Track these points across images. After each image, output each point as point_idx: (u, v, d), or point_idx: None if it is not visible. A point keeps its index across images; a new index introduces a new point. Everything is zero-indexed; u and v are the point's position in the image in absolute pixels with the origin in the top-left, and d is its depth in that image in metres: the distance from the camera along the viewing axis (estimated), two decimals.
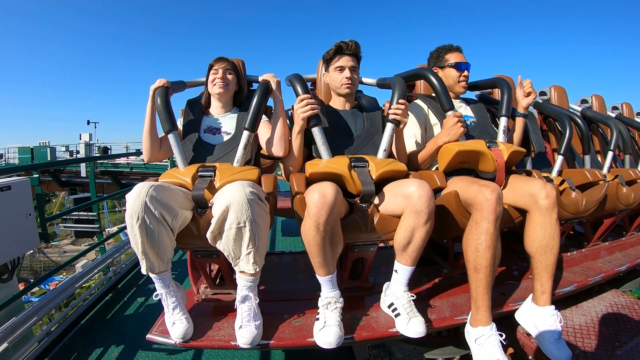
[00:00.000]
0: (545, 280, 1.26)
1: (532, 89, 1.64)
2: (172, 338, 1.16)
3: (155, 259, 1.11)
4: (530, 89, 1.64)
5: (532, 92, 1.64)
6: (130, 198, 1.04)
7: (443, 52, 1.68)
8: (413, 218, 1.13)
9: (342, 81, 1.44)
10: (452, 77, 1.64)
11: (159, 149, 1.40)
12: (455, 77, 1.63)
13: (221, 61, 1.46)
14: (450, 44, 1.68)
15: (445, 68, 1.66)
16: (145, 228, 1.05)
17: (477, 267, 1.13)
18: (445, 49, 1.68)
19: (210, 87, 1.48)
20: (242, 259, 1.12)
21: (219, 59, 1.47)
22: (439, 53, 1.69)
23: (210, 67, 1.48)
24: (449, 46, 1.68)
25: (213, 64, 1.47)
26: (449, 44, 1.68)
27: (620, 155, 2.34)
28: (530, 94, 1.64)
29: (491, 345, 1.07)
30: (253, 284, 1.18)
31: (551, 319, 1.20)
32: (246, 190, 1.06)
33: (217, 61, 1.47)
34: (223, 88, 1.45)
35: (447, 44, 1.69)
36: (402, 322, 1.17)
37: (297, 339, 1.18)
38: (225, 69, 1.46)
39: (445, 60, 1.66)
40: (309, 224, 1.07)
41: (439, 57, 1.69)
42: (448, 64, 1.65)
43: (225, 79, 1.46)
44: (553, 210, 1.27)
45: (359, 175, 1.21)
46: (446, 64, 1.65)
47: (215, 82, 1.45)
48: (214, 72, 1.46)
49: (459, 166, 1.44)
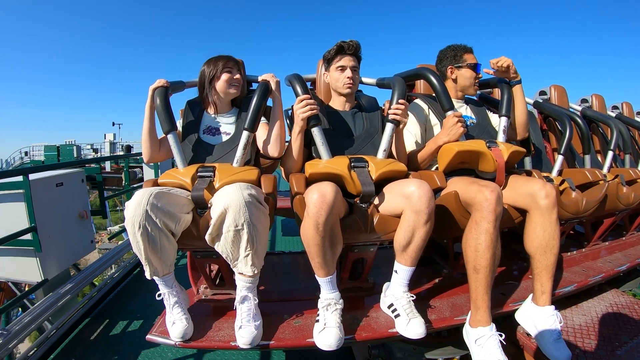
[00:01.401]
0: (545, 280, 1.26)
1: (502, 61, 1.58)
2: (171, 338, 1.16)
3: (158, 263, 1.12)
4: (500, 63, 1.58)
5: (503, 60, 1.58)
6: (130, 206, 1.04)
7: (460, 51, 1.63)
8: (413, 218, 1.13)
9: (343, 81, 1.44)
10: (468, 78, 1.61)
11: (158, 149, 1.40)
12: (471, 78, 1.61)
13: (232, 61, 1.41)
14: (464, 45, 1.65)
15: (463, 68, 1.62)
16: (147, 236, 1.05)
17: (476, 267, 1.13)
18: (461, 48, 1.64)
19: (224, 86, 1.39)
20: (241, 261, 1.12)
21: (229, 58, 1.41)
22: (456, 52, 1.64)
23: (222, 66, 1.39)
24: (464, 46, 1.64)
25: (225, 63, 1.39)
26: (463, 45, 1.65)
27: (620, 155, 2.34)
28: (503, 65, 1.58)
29: (491, 345, 1.07)
30: (252, 285, 1.18)
31: (551, 319, 1.20)
32: (244, 193, 1.05)
33: (228, 60, 1.40)
34: (239, 89, 1.42)
35: (461, 44, 1.65)
36: (402, 323, 1.16)
37: (297, 339, 1.17)
38: (238, 69, 1.42)
39: (464, 60, 1.61)
40: (309, 224, 1.07)
41: (456, 57, 1.63)
42: (467, 64, 1.61)
43: (240, 79, 1.41)
44: (553, 210, 1.26)
45: (358, 176, 1.21)
46: (464, 64, 1.61)
47: (232, 83, 1.40)
48: (228, 70, 1.39)
49: (459, 166, 1.43)
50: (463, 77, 1.62)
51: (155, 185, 1.25)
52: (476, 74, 1.61)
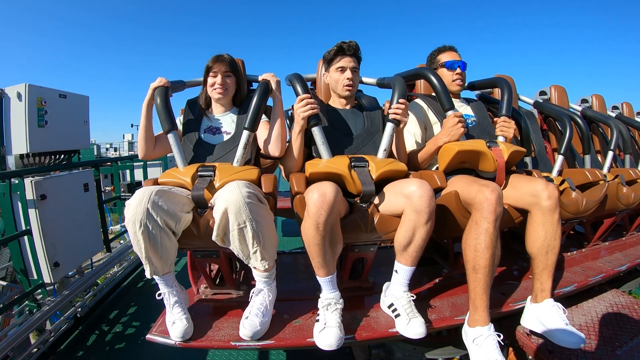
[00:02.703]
0: (545, 279, 1.27)
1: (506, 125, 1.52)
2: (171, 338, 1.16)
3: (158, 263, 1.12)
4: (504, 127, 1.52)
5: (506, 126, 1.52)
6: (131, 204, 1.04)
7: (435, 53, 1.70)
8: (414, 217, 1.13)
9: (343, 82, 1.44)
10: (445, 77, 1.63)
11: (153, 147, 1.40)
12: (448, 77, 1.63)
13: (219, 63, 1.41)
14: (443, 45, 1.69)
15: (438, 69, 1.67)
16: (148, 234, 1.05)
17: (475, 267, 1.13)
18: (437, 50, 1.69)
19: (210, 90, 1.43)
20: (252, 257, 1.13)
21: (217, 60, 1.42)
22: (432, 55, 1.71)
23: (208, 69, 1.42)
24: (441, 47, 1.69)
25: (211, 66, 1.41)
26: (442, 45, 1.69)
27: (620, 155, 2.33)
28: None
29: (489, 345, 1.07)
30: (268, 279, 1.20)
31: (553, 309, 1.20)
32: (242, 191, 1.06)
33: (215, 63, 1.41)
34: (222, 93, 1.42)
35: (441, 46, 1.70)
36: (402, 322, 1.16)
37: (297, 339, 1.17)
38: (224, 72, 1.41)
39: (437, 61, 1.67)
40: (309, 224, 1.07)
41: (432, 60, 1.71)
42: (439, 64, 1.66)
43: (224, 84, 1.42)
44: (555, 211, 1.26)
45: (359, 175, 1.21)
46: (438, 65, 1.67)
47: (215, 87, 1.41)
48: (213, 75, 1.41)
49: (459, 166, 1.44)
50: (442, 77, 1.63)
51: (155, 184, 1.25)
52: (452, 72, 1.63)
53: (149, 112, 1.35)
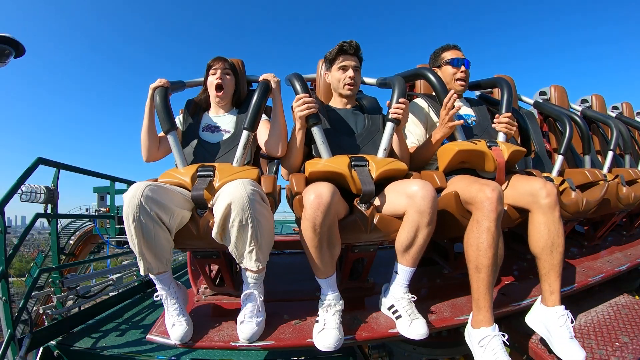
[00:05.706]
0: (553, 280, 1.23)
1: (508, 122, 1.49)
2: (171, 339, 1.16)
3: (152, 259, 1.11)
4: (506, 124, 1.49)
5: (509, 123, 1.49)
6: (126, 198, 1.04)
7: (439, 51, 1.70)
8: (416, 218, 1.12)
9: (344, 80, 1.44)
10: (448, 74, 1.63)
11: (157, 148, 1.40)
12: (451, 74, 1.63)
13: (219, 62, 1.46)
14: (447, 44, 1.70)
15: (442, 66, 1.66)
16: (141, 228, 1.04)
17: (478, 267, 1.12)
18: (441, 48, 1.70)
19: (210, 89, 1.47)
20: (245, 256, 1.12)
21: (217, 59, 1.47)
22: (436, 53, 1.71)
23: (209, 68, 1.47)
24: (445, 45, 1.69)
25: (211, 64, 1.46)
26: (446, 44, 1.70)
27: (620, 154, 2.33)
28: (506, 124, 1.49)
29: (495, 346, 1.05)
30: (257, 281, 1.18)
31: (562, 319, 1.17)
32: (247, 189, 1.05)
33: (215, 62, 1.46)
34: (221, 84, 1.45)
35: (444, 44, 1.70)
36: (404, 324, 1.16)
37: (297, 339, 1.17)
38: (223, 69, 1.45)
39: (442, 58, 1.67)
40: (306, 225, 1.07)
41: (435, 57, 1.71)
42: (444, 61, 1.66)
43: (223, 81, 1.45)
44: (555, 208, 1.25)
45: (359, 175, 1.20)
46: (442, 62, 1.66)
47: (215, 85, 1.45)
48: (213, 72, 1.46)
49: (459, 166, 1.43)
50: (444, 75, 1.64)
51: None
52: (456, 69, 1.62)
53: (151, 112, 1.35)
